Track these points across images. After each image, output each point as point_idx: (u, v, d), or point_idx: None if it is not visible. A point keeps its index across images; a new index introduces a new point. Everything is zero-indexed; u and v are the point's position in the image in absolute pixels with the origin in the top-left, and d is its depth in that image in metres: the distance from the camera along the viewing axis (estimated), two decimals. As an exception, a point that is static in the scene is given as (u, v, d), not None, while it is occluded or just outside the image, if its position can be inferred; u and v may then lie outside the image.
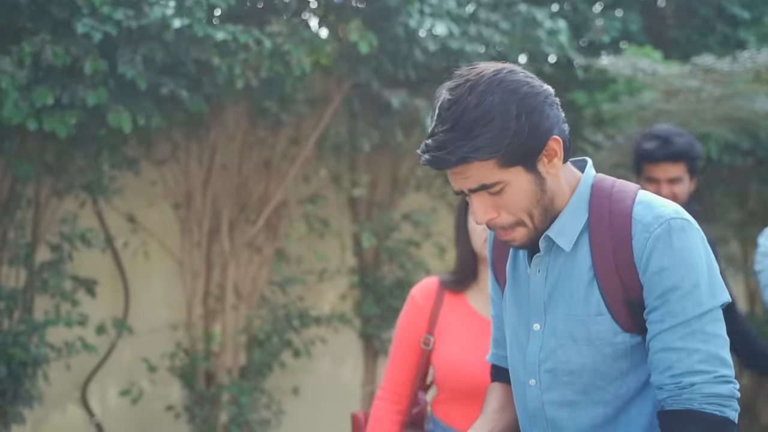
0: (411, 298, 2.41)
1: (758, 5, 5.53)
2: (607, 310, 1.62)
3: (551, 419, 1.71)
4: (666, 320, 1.58)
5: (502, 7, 4.74)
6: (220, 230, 4.73)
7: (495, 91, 1.54)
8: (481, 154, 1.53)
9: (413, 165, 5.35)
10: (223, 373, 4.75)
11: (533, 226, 1.64)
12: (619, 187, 1.68)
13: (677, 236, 1.58)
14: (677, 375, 1.57)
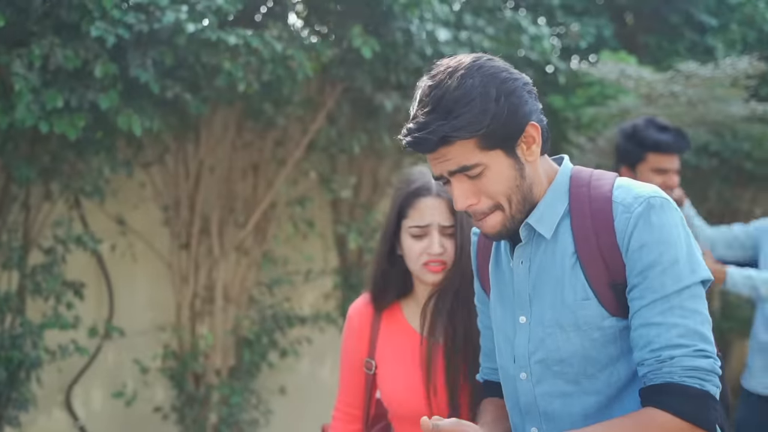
0: (349, 320, 2.27)
1: (725, 13, 5.76)
2: (593, 294, 1.62)
3: (544, 412, 1.69)
4: (646, 296, 1.58)
5: (484, 13, 4.86)
6: (210, 232, 4.75)
7: (474, 75, 1.57)
8: (462, 134, 1.55)
9: (394, 167, 5.44)
10: (212, 374, 4.77)
11: (510, 213, 1.64)
12: (597, 175, 1.70)
13: (656, 214, 1.59)
14: (657, 349, 1.56)
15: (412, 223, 2.08)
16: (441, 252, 2.06)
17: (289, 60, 3.73)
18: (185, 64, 3.60)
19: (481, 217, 1.67)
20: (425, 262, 2.08)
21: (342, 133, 4.78)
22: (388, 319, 2.21)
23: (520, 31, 4.71)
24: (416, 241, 2.08)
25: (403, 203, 2.11)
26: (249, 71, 3.73)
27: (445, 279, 2.10)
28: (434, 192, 2.08)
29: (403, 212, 2.11)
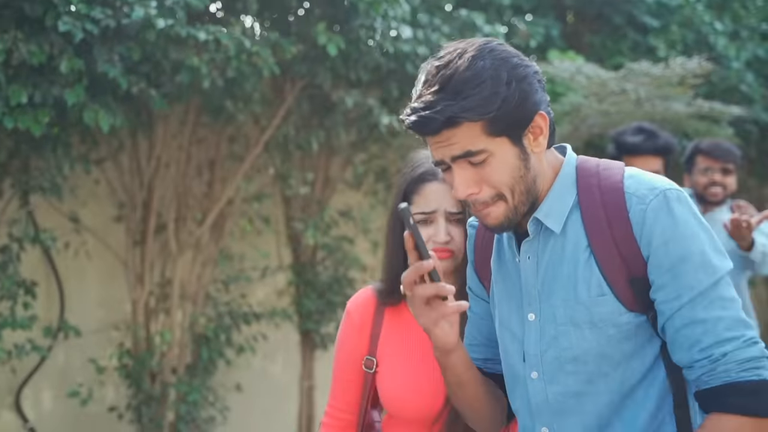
0: (348, 315, 2.12)
1: (665, 14, 5.96)
2: (609, 290, 1.55)
3: (556, 412, 1.62)
4: (683, 294, 1.51)
5: (438, 12, 4.93)
6: (165, 229, 4.71)
7: (485, 57, 1.50)
8: (471, 115, 1.47)
9: (345, 163, 5.48)
10: (169, 372, 4.74)
11: (513, 204, 1.56)
12: (605, 165, 1.63)
13: (676, 207, 1.53)
14: (707, 348, 1.50)
15: (417, 209, 1.97)
16: (447, 240, 1.94)
17: (254, 57, 3.72)
18: (151, 59, 3.57)
19: (481, 208, 1.58)
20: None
21: (300, 129, 4.79)
22: (392, 314, 2.08)
23: (474, 30, 4.78)
24: (421, 228, 1.95)
25: (407, 189, 2.00)
26: (213, 67, 3.72)
27: (454, 269, 1.98)
28: (440, 177, 1.95)
29: (407, 198, 2.00)
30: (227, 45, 3.48)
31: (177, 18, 3.35)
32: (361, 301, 2.11)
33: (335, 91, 4.49)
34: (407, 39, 4.29)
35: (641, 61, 4.86)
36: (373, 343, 2.06)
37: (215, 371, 4.93)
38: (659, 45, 5.75)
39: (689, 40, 6.06)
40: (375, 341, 2.06)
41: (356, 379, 2.09)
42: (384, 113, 4.45)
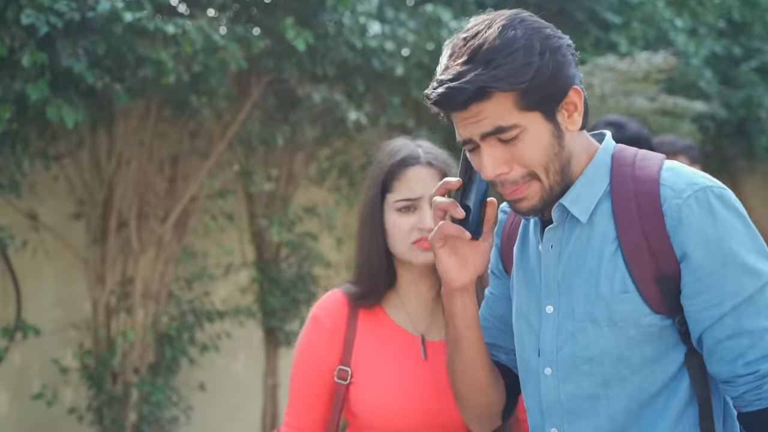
0: (315, 320, 1.92)
1: (626, 11, 6.00)
2: (634, 287, 1.44)
3: (568, 413, 1.53)
4: (725, 301, 1.40)
5: (403, 7, 4.89)
6: (128, 226, 4.61)
7: (517, 27, 1.42)
8: (502, 85, 1.39)
9: (309, 158, 5.43)
10: (131, 372, 4.64)
11: (548, 184, 1.47)
12: (643, 155, 1.52)
13: (717, 205, 1.42)
14: (752, 362, 1.39)
15: (399, 196, 1.85)
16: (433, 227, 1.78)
17: (221, 51, 3.65)
18: (117, 53, 3.47)
19: (511, 189, 1.48)
20: (415, 239, 1.83)
21: (264, 124, 4.73)
22: (366, 318, 1.90)
23: (440, 25, 4.76)
24: (404, 216, 1.85)
25: (387, 176, 1.87)
26: (179, 62, 3.63)
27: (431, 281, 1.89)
28: (423, 160, 1.87)
29: (387, 186, 1.87)
30: (195, 39, 3.39)
31: (145, 11, 3.26)
32: (331, 305, 1.93)
33: (301, 86, 4.43)
34: (375, 34, 4.25)
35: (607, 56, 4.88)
36: (346, 351, 1.88)
37: (178, 370, 4.84)
38: (621, 41, 5.79)
39: (650, 36, 6.12)
40: (349, 349, 1.88)
41: (324, 392, 1.89)
42: (351, 108, 4.40)
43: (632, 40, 5.87)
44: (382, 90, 4.95)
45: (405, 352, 1.88)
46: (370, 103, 4.92)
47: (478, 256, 1.62)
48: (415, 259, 1.86)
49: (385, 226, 1.88)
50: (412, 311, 1.92)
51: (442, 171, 1.86)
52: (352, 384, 1.87)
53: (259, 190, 5.08)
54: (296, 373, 1.93)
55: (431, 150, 1.92)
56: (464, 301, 1.63)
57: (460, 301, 1.62)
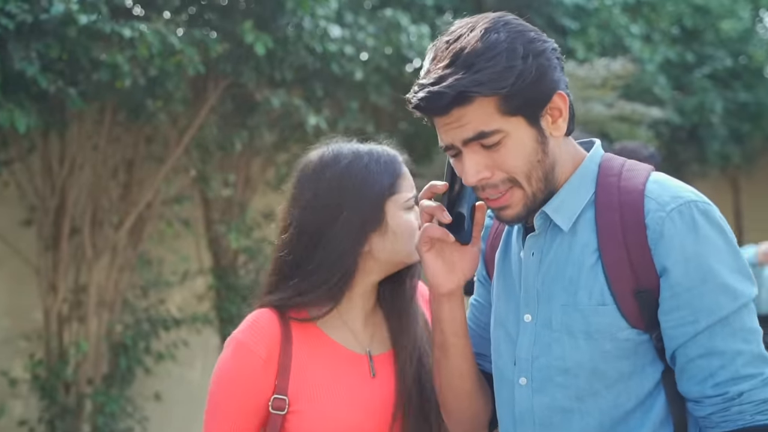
0: (242, 348, 1.67)
1: (583, 17, 6.05)
2: (612, 300, 1.41)
3: (540, 425, 1.49)
4: (700, 319, 1.37)
5: (362, 11, 4.86)
6: (81, 233, 4.50)
7: (500, 30, 1.38)
8: (483, 90, 1.35)
9: (266, 163, 5.37)
10: (85, 383, 4.53)
11: (531, 191, 1.43)
12: (630, 166, 1.49)
13: (701, 221, 1.39)
14: (721, 384, 1.37)
15: (410, 194, 1.73)
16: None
17: (178, 55, 3.58)
18: (71, 57, 3.38)
19: (493, 194, 1.44)
20: None
21: (222, 129, 4.66)
22: (302, 341, 1.70)
23: (399, 29, 4.74)
24: (411, 213, 1.72)
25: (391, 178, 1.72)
26: (135, 65, 3.55)
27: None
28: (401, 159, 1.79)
29: (393, 188, 1.72)
30: (152, 42, 3.32)
31: (100, 14, 3.17)
32: (262, 328, 1.68)
33: (259, 90, 4.37)
34: (335, 38, 4.21)
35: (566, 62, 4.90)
36: (282, 379, 1.67)
37: (133, 380, 4.75)
38: (578, 47, 5.84)
39: (606, 42, 6.18)
40: (285, 376, 1.67)
41: (253, 428, 1.69)
42: (311, 113, 4.36)
43: (589, 46, 5.92)
44: (340, 95, 4.91)
45: (351, 373, 1.72)
46: (329, 108, 4.88)
47: (467, 261, 1.57)
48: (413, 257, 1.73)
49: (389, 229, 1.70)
50: (359, 327, 1.76)
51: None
52: (291, 413, 1.67)
53: (217, 196, 5.00)
54: (220, 407, 1.69)
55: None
56: (451, 306, 1.58)
57: (447, 307, 1.58)
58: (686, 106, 7.32)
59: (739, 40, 7.93)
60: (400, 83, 5.40)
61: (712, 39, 7.72)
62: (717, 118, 7.53)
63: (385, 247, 1.71)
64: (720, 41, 7.79)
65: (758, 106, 8.09)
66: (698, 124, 7.57)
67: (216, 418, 1.68)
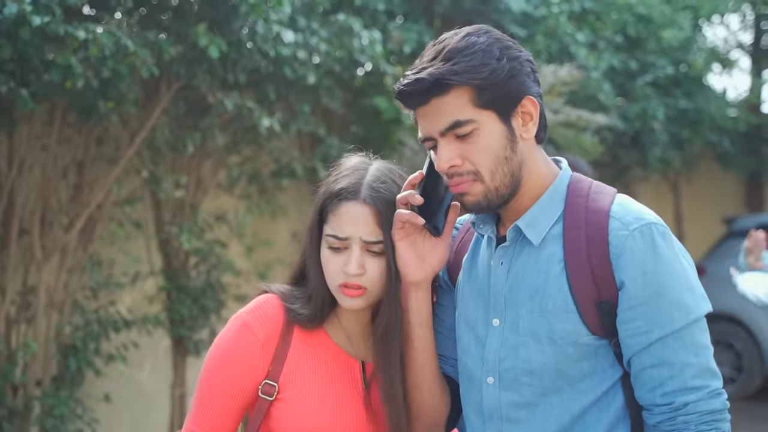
0: (245, 328, 1.72)
1: (530, 25, 6.18)
2: (575, 309, 1.53)
3: (507, 419, 1.60)
4: (654, 331, 1.49)
5: (315, 16, 4.91)
6: (30, 234, 4.47)
7: (481, 35, 1.55)
8: (458, 78, 1.49)
9: (217, 164, 5.38)
10: (33, 385, 4.50)
11: (493, 186, 1.55)
12: (597, 188, 1.62)
13: (660, 241, 1.51)
14: (669, 393, 1.48)
15: (330, 231, 1.70)
16: (359, 273, 1.67)
17: (131, 56, 3.59)
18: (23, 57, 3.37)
19: (457, 182, 1.56)
20: (341, 283, 1.69)
21: (174, 131, 4.66)
22: (302, 334, 1.74)
23: (351, 34, 4.80)
24: (333, 254, 1.70)
25: (324, 204, 1.72)
26: (88, 67, 3.56)
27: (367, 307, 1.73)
28: (362, 197, 1.68)
29: (324, 216, 1.72)
30: (105, 43, 3.33)
31: (54, 15, 3.17)
32: (267, 313, 1.73)
33: (212, 92, 4.40)
34: (288, 43, 4.25)
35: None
36: (276, 366, 1.71)
37: (83, 382, 4.72)
38: (525, 54, 5.95)
39: (553, 49, 6.32)
40: (279, 363, 1.71)
41: (243, 406, 1.73)
42: (264, 115, 4.40)
43: (536, 53, 6.05)
44: (293, 98, 4.96)
45: (343, 376, 1.75)
46: (281, 111, 4.92)
47: (436, 254, 1.67)
48: (341, 303, 1.72)
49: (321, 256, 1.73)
50: (353, 334, 1.79)
51: (378, 212, 1.67)
52: (279, 400, 1.71)
53: (168, 197, 5.01)
54: (213, 380, 1.72)
55: (376, 181, 1.71)
56: (418, 297, 1.68)
57: (414, 297, 1.68)
58: (629, 112, 7.52)
59: (680, 49, 8.18)
60: (351, 87, 5.47)
61: (654, 47, 7.94)
62: (658, 125, 7.75)
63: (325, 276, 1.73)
64: (662, 50, 8.02)
65: (698, 112, 8.35)
66: (641, 130, 7.79)
67: (208, 388, 1.73)
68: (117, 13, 4.07)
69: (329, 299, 1.74)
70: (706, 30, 10.63)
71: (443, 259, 1.69)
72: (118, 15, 4.08)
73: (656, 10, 7.78)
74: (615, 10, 7.47)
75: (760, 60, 10.89)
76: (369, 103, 5.36)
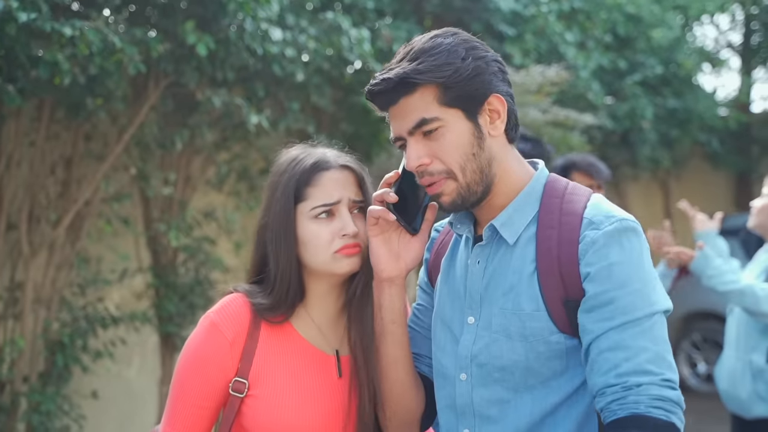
0: (213, 328, 1.75)
1: (520, 24, 6.20)
2: (544, 307, 1.56)
3: (479, 415, 1.63)
4: (615, 317, 1.50)
5: (304, 14, 4.92)
6: (17, 230, 4.47)
7: (447, 37, 1.59)
8: (423, 77, 1.54)
9: (206, 162, 5.38)
10: (20, 381, 4.49)
11: (465, 182, 1.58)
12: (572, 189, 1.65)
13: (628, 236, 1.55)
14: (623, 374, 1.48)
15: (317, 202, 1.74)
16: (357, 232, 1.74)
17: (118, 53, 3.59)
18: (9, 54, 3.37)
19: (428, 181, 1.60)
20: (339, 247, 1.73)
21: (162, 128, 4.67)
22: (270, 330, 1.76)
23: (340, 32, 4.81)
24: (323, 224, 1.74)
25: (301, 182, 1.75)
26: (75, 63, 3.56)
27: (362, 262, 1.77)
28: (335, 164, 1.77)
29: (299, 194, 1.75)
30: (92, 40, 3.33)
31: (40, 12, 3.17)
32: (233, 312, 1.76)
33: (200, 89, 4.40)
34: (276, 40, 4.26)
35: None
36: (245, 363, 1.73)
37: (70, 378, 4.72)
38: (515, 53, 5.98)
39: (542, 49, 6.34)
40: (248, 360, 1.74)
41: (215, 406, 1.75)
42: (252, 112, 4.40)
43: (525, 52, 6.07)
44: (281, 95, 4.96)
45: (314, 369, 1.77)
46: (270, 108, 4.92)
47: (411, 252, 1.71)
48: (339, 269, 1.75)
49: (298, 237, 1.75)
50: (324, 326, 1.81)
51: (358, 173, 1.79)
52: (249, 397, 1.74)
53: (157, 194, 5.01)
54: (185, 381, 1.75)
55: (341, 154, 1.83)
56: (391, 293, 1.71)
57: (388, 293, 1.71)
58: (618, 111, 7.54)
59: (670, 49, 8.21)
60: (340, 85, 5.48)
61: (644, 47, 7.96)
62: (648, 124, 7.78)
63: (306, 258, 1.76)
64: (651, 49, 8.05)
65: (687, 112, 8.38)
66: (630, 129, 7.81)
67: (181, 390, 1.75)
68: (105, 11, 4.07)
69: (296, 284, 1.77)
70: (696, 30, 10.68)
71: (417, 258, 1.72)
72: (107, 12, 4.08)
73: (646, 9, 7.81)
74: (604, 9, 7.49)
75: (749, 59, 10.93)
76: (358, 101, 5.37)
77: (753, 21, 10.90)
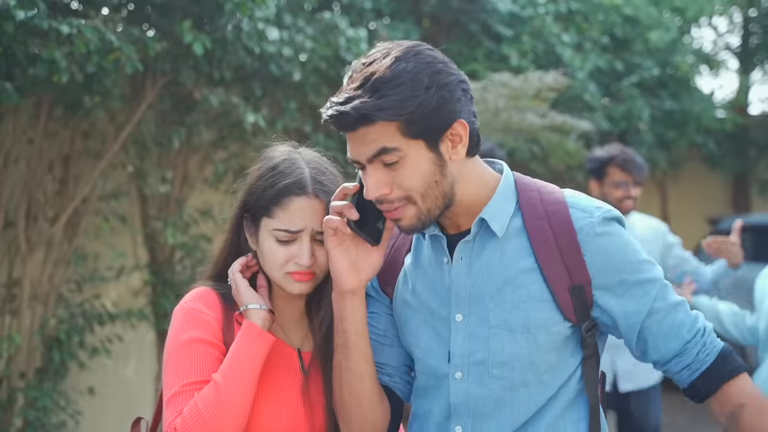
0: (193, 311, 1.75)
1: (517, 25, 6.23)
2: (551, 297, 1.59)
3: (474, 413, 1.64)
4: (651, 290, 1.62)
5: (302, 13, 4.95)
6: (15, 227, 4.49)
7: (410, 60, 1.51)
8: (384, 115, 1.48)
9: (203, 160, 5.41)
10: (17, 377, 4.52)
11: (425, 207, 1.57)
12: (543, 183, 1.70)
13: (617, 224, 1.63)
14: (692, 326, 1.64)
15: (280, 225, 1.74)
16: (312, 263, 1.74)
17: (116, 52, 3.62)
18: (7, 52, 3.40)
19: (388, 208, 1.58)
20: (292, 271, 1.76)
21: (160, 126, 4.69)
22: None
23: (337, 32, 4.84)
24: (282, 246, 1.75)
25: (271, 200, 1.75)
26: (73, 61, 3.58)
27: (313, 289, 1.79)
28: (310, 191, 1.75)
29: (268, 210, 1.75)
30: (90, 39, 3.35)
31: (38, 9, 3.20)
32: (208, 300, 1.78)
33: (198, 88, 4.43)
34: (273, 40, 4.29)
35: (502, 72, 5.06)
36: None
37: (67, 375, 4.75)
38: (512, 54, 6.00)
39: (539, 50, 6.37)
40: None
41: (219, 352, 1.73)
42: (249, 111, 4.43)
43: (522, 53, 6.09)
44: (279, 95, 4.99)
45: (280, 364, 1.79)
46: (267, 108, 4.95)
47: (370, 262, 1.67)
48: (289, 289, 1.77)
49: (258, 244, 1.78)
50: (287, 322, 1.85)
51: (327, 204, 1.74)
52: None
53: (154, 192, 5.03)
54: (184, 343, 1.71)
55: (319, 174, 1.79)
56: (353, 304, 1.67)
57: (350, 304, 1.67)
58: (615, 113, 7.57)
59: (666, 51, 8.23)
60: (338, 84, 5.50)
61: (641, 49, 7.98)
62: (644, 125, 7.80)
63: (262, 265, 1.79)
64: (648, 51, 8.07)
65: (683, 114, 8.40)
66: (626, 130, 7.83)
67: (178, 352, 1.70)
68: (104, 9, 4.10)
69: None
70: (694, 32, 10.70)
71: (377, 268, 1.69)
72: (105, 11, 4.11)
73: (643, 11, 7.83)
74: (602, 11, 7.52)
75: (747, 61, 10.96)
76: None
77: (751, 23, 10.93)
